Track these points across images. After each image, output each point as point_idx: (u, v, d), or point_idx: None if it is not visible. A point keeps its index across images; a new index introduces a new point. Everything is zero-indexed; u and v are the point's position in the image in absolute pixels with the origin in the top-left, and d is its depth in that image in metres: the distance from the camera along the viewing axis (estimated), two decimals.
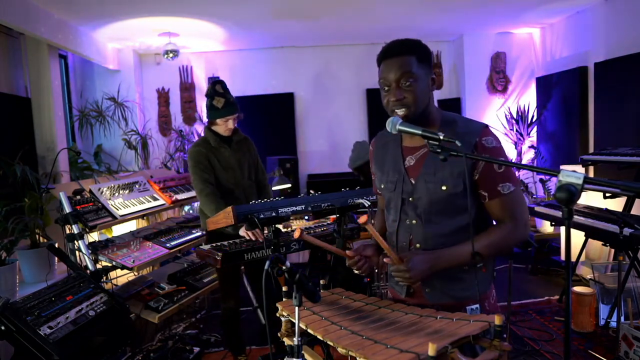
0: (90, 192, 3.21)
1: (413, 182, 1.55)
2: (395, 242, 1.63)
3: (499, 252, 1.50)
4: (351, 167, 3.72)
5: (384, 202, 1.70)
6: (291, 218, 2.64)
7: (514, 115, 6.09)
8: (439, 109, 1.60)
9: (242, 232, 2.68)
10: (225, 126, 2.93)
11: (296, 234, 1.57)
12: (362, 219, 1.44)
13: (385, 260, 1.50)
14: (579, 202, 1.67)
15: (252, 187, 3.07)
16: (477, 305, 1.51)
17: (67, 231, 2.87)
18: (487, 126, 1.52)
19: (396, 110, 1.47)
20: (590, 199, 4.02)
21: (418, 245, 1.56)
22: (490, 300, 1.60)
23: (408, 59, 1.46)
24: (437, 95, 6.49)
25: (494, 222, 1.57)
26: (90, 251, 2.90)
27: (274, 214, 2.23)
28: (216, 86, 2.92)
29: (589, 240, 3.80)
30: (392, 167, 1.62)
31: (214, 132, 2.97)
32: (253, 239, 2.60)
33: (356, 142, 3.73)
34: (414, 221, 1.56)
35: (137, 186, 3.59)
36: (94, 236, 3.32)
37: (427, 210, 1.52)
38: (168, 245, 3.29)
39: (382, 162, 1.68)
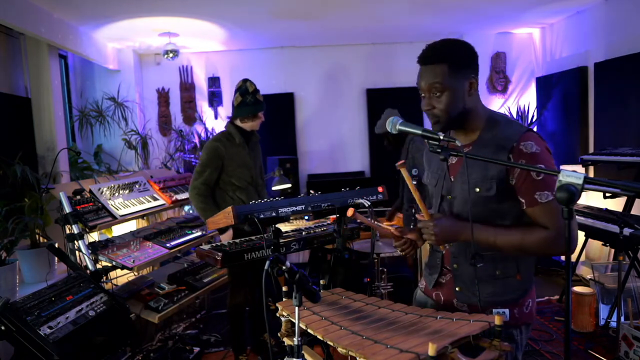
0: (90, 192, 3.21)
1: (452, 179, 1.55)
2: None
3: (526, 253, 1.44)
4: (376, 132, 3.86)
5: None
6: (291, 218, 2.64)
7: (514, 115, 6.09)
8: (486, 109, 1.55)
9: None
10: (261, 119, 3.08)
11: (349, 212, 1.62)
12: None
13: (417, 216, 1.52)
14: (579, 202, 1.66)
15: (263, 186, 3.21)
16: (505, 310, 1.46)
17: (67, 231, 2.87)
18: (529, 130, 1.45)
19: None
20: (590, 199, 4.03)
21: (448, 245, 1.57)
22: (524, 309, 1.51)
23: (440, 68, 1.43)
24: None
25: None
26: (90, 251, 2.90)
27: (274, 214, 2.23)
28: (249, 82, 3.04)
29: (589, 240, 3.80)
30: (437, 162, 1.63)
31: (239, 129, 3.06)
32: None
33: (387, 109, 3.81)
34: None
35: (137, 186, 3.59)
36: (94, 236, 3.32)
37: (461, 210, 1.51)
38: (168, 245, 3.29)
39: (430, 156, 1.69)
